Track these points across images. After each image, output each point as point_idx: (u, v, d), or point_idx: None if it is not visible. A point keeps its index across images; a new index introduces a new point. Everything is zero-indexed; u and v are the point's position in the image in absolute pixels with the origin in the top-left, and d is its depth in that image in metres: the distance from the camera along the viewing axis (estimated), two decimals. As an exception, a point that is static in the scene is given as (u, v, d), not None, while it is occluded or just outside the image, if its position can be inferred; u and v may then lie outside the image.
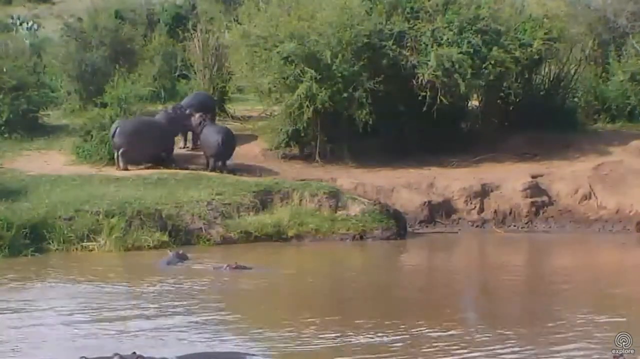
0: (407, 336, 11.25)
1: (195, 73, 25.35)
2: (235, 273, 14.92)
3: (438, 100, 21.06)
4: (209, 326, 11.85)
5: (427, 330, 11.48)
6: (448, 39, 21.46)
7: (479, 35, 21.52)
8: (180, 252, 16.06)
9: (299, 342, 11.01)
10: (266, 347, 10.85)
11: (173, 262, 15.58)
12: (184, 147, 21.90)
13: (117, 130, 20.10)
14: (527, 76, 23.38)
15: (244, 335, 11.47)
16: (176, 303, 12.97)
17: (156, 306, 12.84)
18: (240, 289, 14.21)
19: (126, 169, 19.98)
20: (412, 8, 22.19)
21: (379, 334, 11.27)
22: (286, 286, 14.92)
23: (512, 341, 11.07)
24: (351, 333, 11.34)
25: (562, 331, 11.61)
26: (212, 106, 22.79)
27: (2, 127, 22.28)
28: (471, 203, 20.24)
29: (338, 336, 11.22)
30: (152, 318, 12.26)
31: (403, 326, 11.61)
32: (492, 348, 10.75)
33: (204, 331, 11.56)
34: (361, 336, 11.22)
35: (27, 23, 34.64)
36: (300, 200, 18.69)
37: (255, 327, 11.97)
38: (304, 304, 13.59)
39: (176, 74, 26.97)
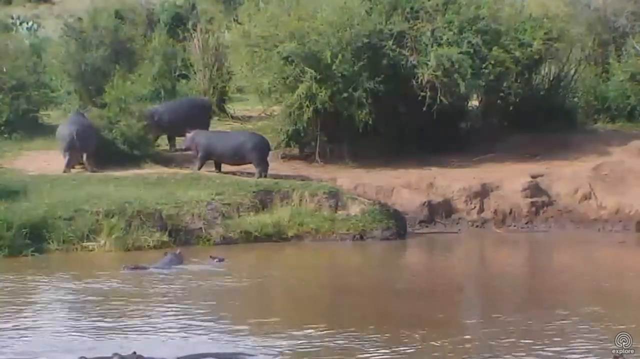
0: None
1: (195, 73, 25.36)
2: (134, 273, 14.84)
3: (438, 100, 21.04)
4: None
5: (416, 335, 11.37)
6: (448, 39, 21.45)
7: (479, 35, 21.52)
8: (178, 252, 16.01)
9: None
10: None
11: (171, 263, 15.53)
12: (170, 150, 21.76)
13: (76, 135, 19.68)
14: (527, 76, 23.35)
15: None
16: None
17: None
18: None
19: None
20: (412, 8, 22.16)
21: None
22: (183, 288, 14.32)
23: (512, 345, 11.08)
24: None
25: (562, 331, 11.62)
26: (204, 112, 22.58)
27: (2, 127, 22.24)
28: (471, 203, 20.23)
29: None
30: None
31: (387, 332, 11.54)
32: (489, 353, 10.75)
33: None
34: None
35: (27, 23, 34.67)
36: (300, 200, 18.67)
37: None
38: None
39: (176, 74, 26.95)
